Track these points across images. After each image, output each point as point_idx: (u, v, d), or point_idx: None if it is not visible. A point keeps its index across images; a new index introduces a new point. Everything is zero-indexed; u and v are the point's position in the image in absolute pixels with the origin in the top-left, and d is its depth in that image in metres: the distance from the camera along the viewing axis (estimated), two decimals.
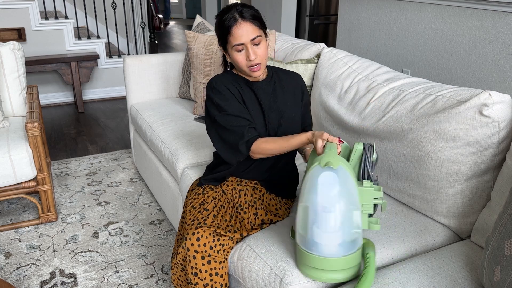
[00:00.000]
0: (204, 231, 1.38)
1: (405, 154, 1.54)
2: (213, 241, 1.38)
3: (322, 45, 2.17)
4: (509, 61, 2.30)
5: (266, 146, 1.41)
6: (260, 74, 1.46)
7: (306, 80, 2.10)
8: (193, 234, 1.38)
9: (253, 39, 1.40)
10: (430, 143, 1.45)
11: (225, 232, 1.41)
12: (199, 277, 1.39)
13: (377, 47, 3.20)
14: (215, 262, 1.39)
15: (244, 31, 1.39)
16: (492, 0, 2.30)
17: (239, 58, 1.42)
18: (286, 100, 1.56)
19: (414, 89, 1.62)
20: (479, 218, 1.39)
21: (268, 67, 1.59)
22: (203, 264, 1.38)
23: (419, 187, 1.52)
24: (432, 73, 2.77)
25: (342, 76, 1.91)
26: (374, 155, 1.26)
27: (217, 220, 1.45)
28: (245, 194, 1.58)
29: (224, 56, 1.57)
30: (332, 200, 1.12)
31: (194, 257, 1.37)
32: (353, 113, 1.78)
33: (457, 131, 1.38)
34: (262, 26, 1.44)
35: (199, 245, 1.37)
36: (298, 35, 5.06)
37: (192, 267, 1.38)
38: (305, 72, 2.09)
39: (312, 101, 2.09)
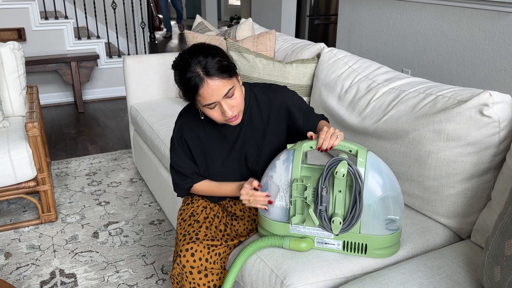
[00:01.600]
0: (198, 245, 1.36)
1: (405, 154, 1.54)
2: (208, 253, 1.37)
3: (322, 45, 2.17)
4: (509, 61, 2.30)
5: (200, 190, 1.50)
6: (239, 122, 1.34)
7: (306, 80, 2.10)
8: (187, 250, 1.35)
9: (226, 94, 1.24)
10: (431, 143, 1.45)
11: (221, 244, 1.40)
12: None
13: (377, 47, 3.20)
14: (212, 274, 1.38)
15: (214, 89, 1.22)
16: (492, 0, 2.30)
17: (214, 114, 1.29)
18: (267, 128, 1.44)
19: (414, 89, 1.62)
20: (479, 218, 1.39)
21: (247, 88, 1.45)
22: (200, 278, 1.37)
23: (419, 187, 1.52)
24: (432, 73, 2.77)
25: (342, 76, 1.91)
26: (341, 170, 1.21)
27: (210, 233, 1.41)
28: (236, 204, 1.56)
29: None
30: (276, 170, 1.33)
31: (191, 273, 1.36)
32: (353, 113, 1.78)
33: (457, 131, 1.38)
34: (232, 72, 1.26)
35: (194, 261, 1.35)
36: (298, 35, 5.06)
37: (190, 282, 1.37)
38: (305, 72, 2.09)
39: (312, 101, 2.09)
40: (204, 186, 1.49)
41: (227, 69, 1.24)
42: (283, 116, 1.44)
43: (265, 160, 1.44)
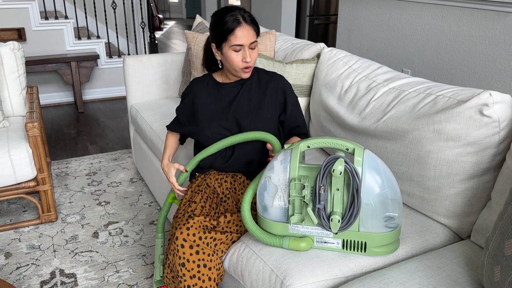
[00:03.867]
0: (194, 223, 1.40)
1: (405, 154, 1.54)
2: (204, 232, 1.40)
3: (322, 45, 2.17)
4: (509, 61, 2.30)
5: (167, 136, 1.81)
6: (249, 76, 1.61)
7: (306, 80, 2.10)
8: (184, 224, 1.40)
9: (251, 43, 1.52)
10: (430, 143, 1.45)
11: (210, 219, 1.44)
12: (186, 268, 1.37)
13: (377, 47, 3.20)
14: (204, 253, 1.38)
15: (245, 33, 1.50)
16: (492, 0, 2.30)
17: (236, 58, 1.53)
18: (263, 101, 1.64)
19: (414, 89, 1.62)
20: (479, 218, 1.39)
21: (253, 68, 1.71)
22: (191, 254, 1.37)
23: (419, 187, 1.52)
24: (432, 73, 2.77)
25: (342, 76, 1.91)
26: (338, 168, 1.21)
27: (205, 210, 1.50)
28: (225, 181, 1.65)
29: (207, 55, 1.70)
30: (275, 171, 1.33)
31: (183, 246, 1.37)
32: (353, 113, 1.78)
33: (457, 131, 1.38)
34: (258, 32, 1.56)
35: (188, 234, 1.38)
36: (298, 35, 5.06)
37: (180, 257, 1.37)
38: (305, 72, 2.09)
39: (312, 101, 2.09)
40: (168, 136, 1.83)
41: (258, 25, 1.56)
42: (278, 100, 1.67)
43: (256, 126, 1.62)
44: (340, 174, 1.20)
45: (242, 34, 1.50)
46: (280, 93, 1.67)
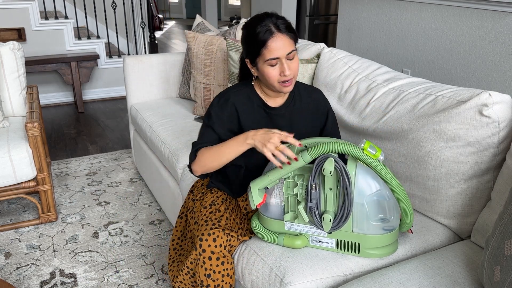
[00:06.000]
0: (220, 232, 1.35)
1: (405, 154, 1.54)
2: (227, 241, 1.37)
3: (322, 45, 2.17)
4: (509, 61, 2.30)
5: (203, 157, 1.37)
6: (290, 90, 1.39)
7: (306, 80, 2.10)
8: (209, 234, 1.34)
9: (289, 54, 1.33)
10: (430, 143, 1.45)
11: (238, 236, 1.41)
12: (211, 279, 1.36)
13: (377, 47, 3.20)
14: (228, 263, 1.38)
15: (280, 44, 1.31)
16: (492, 0, 2.30)
17: (272, 73, 1.34)
18: (303, 124, 1.51)
19: (414, 89, 1.62)
20: (479, 218, 1.39)
21: None
22: (217, 265, 1.36)
23: (419, 187, 1.52)
24: (432, 73, 2.77)
25: (342, 76, 1.91)
26: (328, 168, 1.20)
27: (230, 223, 1.43)
28: (246, 199, 1.59)
29: (242, 69, 1.53)
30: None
31: (210, 258, 1.35)
32: (353, 113, 1.78)
33: (457, 131, 1.38)
34: (296, 38, 1.38)
35: (215, 246, 1.34)
36: (298, 35, 5.05)
37: (206, 269, 1.36)
38: (305, 72, 2.09)
39: None
40: (207, 150, 1.38)
41: (294, 31, 1.37)
42: (322, 114, 1.54)
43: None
44: (331, 173, 1.21)
45: (276, 45, 1.31)
46: (322, 111, 1.54)
